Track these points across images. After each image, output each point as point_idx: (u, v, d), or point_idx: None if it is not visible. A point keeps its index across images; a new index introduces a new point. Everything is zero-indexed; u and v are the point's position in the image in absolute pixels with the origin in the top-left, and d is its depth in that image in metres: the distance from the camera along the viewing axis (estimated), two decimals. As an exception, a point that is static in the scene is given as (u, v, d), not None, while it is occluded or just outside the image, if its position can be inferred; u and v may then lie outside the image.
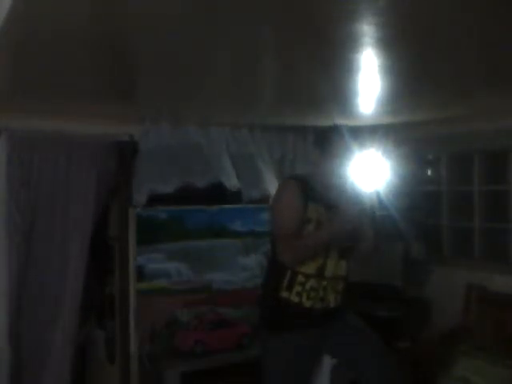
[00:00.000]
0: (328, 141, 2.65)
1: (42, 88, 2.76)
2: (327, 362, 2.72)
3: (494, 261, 4.06)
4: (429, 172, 4.60)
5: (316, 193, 2.59)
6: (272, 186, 4.25)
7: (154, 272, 4.12)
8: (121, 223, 3.86)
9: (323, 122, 4.03)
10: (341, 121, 3.57)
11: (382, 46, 2.04)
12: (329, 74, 2.53)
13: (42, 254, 3.54)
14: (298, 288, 2.52)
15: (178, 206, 4.15)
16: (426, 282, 4.32)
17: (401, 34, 1.88)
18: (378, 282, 4.22)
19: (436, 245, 4.38)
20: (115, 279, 3.88)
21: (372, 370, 2.50)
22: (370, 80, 2.68)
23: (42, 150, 3.50)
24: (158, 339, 3.92)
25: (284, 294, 2.53)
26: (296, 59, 2.23)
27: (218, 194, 4.12)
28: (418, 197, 4.45)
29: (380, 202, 4.52)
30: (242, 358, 3.78)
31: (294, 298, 2.52)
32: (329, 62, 2.28)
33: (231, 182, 4.08)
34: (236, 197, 4.18)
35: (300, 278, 2.51)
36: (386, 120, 4.01)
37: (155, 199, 3.90)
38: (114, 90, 2.94)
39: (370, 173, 4.42)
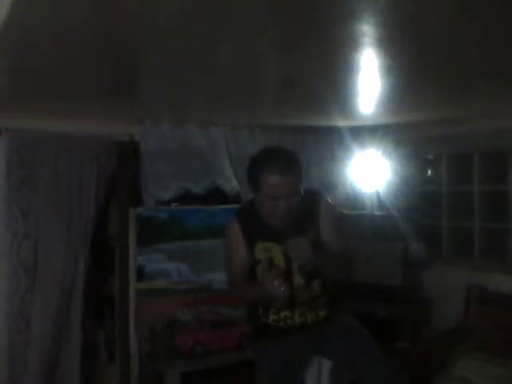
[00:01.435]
0: (255, 179, 2.28)
1: (42, 88, 2.76)
2: (326, 364, 2.71)
3: (494, 261, 4.06)
4: (429, 172, 4.60)
5: (266, 227, 2.36)
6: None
7: (153, 272, 4.13)
8: (121, 223, 3.86)
9: (323, 122, 4.05)
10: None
11: (382, 46, 2.04)
12: (329, 74, 2.53)
13: (43, 254, 3.54)
14: (273, 316, 2.49)
15: (178, 206, 4.16)
16: (425, 282, 4.32)
17: (401, 34, 1.88)
18: (378, 282, 4.22)
19: (436, 245, 4.38)
20: (115, 279, 3.89)
21: (371, 371, 2.49)
22: (370, 80, 2.68)
23: (42, 149, 3.50)
24: (158, 339, 3.92)
25: (263, 319, 2.52)
26: (296, 59, 2.23)
27: (218, 193, 4.12)
28: (418, 197, 4.46)
29: (380, 201, 4.54)
30: (241, 357, 3.78)
31: (272, 322, 2.49)
32: (329, 62, 2.28)
33: (230, 184, 4.07)
34: (236, 197, 4.18)
35: (273, 309, 2.48)
36: (386, 120, 4.01)
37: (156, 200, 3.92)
38: (114, 89, 2.94)
39: (369, 173, 4.45)
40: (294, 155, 2.32)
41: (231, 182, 4.07)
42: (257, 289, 2.35)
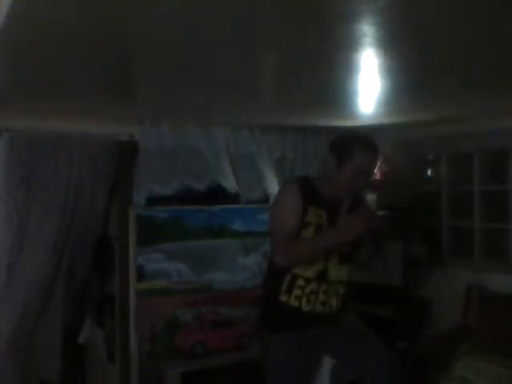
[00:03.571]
0: (348, 149, 2.42)
1: (42, 88, 2.76)
2: (327, 363, 2.71)
3: (494, 261, 4.06)
4: (429, 172, 4.60)
5: (319, 196, 2.49)
6: (272, 186, 4.25)
7: (153, 272, 4.12)
8: (121, 223, 3.86)
9: (323, 122, 4.05)
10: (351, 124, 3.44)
11: (382, 46, 2.04)
12: (329, 74, 2.53)
13: (41, 254, 3.53)
14: (297, 292, 2.46)
15: (178, 206, 4.15)
16: (426, 282, 4.32)
17: (401, 34, 1.88)
18: (378, 282, 4.21)
19: (436, 245, 4.38)
20: (115, 279, 3.88)
21: (372, 371, 2.50)
22: (370, 80, 2.68)
23: (41, 149, 3.50)
24: (158, 339, 3.92)
25: (283, 298, 2.48)
26: (296, 59, 2.23)
27: (218, 193, 4.12)
28: (418, 197, 4.45)
29: (380, 201, 4.54)
30: (241, 357, 3.78)
31: (294, 302, 2.47)
32: (329, 62, 2.28)
33: (230, 184, 4.08)
34: (236, 197, 4.18)
35: (300, 282, 2.46)
36: (386, 120, 4.00)
37: (156, 199, 3.91)
38: (113, 89, 2.94)
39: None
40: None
41: (231, 180, 4.08)
42: (323, 236, 2.42)
